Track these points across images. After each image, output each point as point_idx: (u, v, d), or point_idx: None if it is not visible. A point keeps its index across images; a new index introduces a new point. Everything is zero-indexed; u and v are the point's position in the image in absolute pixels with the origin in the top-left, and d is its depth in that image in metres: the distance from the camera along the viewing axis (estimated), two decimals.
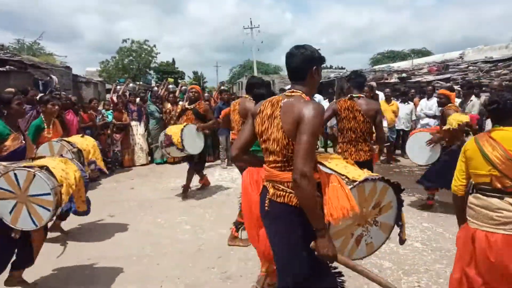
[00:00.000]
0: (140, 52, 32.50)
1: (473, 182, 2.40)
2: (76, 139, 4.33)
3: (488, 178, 2.24)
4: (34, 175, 2.70)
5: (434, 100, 8.12)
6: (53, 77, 12.92)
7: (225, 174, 8.03)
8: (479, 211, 2.28)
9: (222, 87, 11.97)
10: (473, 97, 6.78)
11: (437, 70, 12.94)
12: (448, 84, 9.93)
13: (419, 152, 5.32)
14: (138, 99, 9.40)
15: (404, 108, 8.70)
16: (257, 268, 3.61)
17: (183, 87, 11.50)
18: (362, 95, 3.89)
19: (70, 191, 2.92)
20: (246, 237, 4.33)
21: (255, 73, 29.02)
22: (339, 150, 4.04)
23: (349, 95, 3.88)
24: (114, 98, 8.87)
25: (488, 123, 6.49)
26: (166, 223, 4.98)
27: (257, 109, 2.12)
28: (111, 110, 8.97)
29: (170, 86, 10.24)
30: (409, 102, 8.92)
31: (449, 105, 5.01)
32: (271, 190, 2.00)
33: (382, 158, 8.66)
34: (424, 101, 8.45)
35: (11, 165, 2.79)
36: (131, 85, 10.70)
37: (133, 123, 8.95)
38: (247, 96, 4.50)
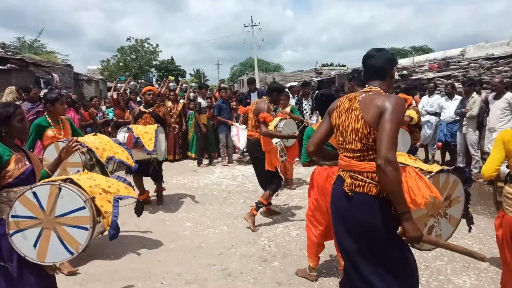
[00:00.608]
0: (142, 50, 32.51)
1: (510, 172, 2.53)
2: (85, 138, 3.85)
3: None
4: (60, 189, 2.16)
5: (435, 97, 8.12)
6: (54, 75, 12.97)
7: (226, 171, 8.04)
8: None
9: (221, 85, 11.99)
10: (474, 94, 6.76)
11: (438, 67, 12.90)
12: (449, 81, 9.91)
13: None
14: (138, 97, 9.41)
15: None
16: (258, 265, 3.63)
17: (184, 85, 11.50)
18: None
19: (107, 199, 2.33)
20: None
21: (256, 71, 28.99)
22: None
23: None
24: (115, 96, 8.89)
25: (489, 120, 6.48)
26: (167, 220, 5.00)
27: (334, 105, 2.22)
28: (111, 108, 8.99)
29: (171, 84, 10.24)
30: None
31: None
32: (348, 180, 2.05)
33: None
34: (425, 98, 8.43)
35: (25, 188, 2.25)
36: (132, 83, 10.69)
37: None
38: (265, 98, 4.85)
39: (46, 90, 4.38)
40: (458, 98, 7.30)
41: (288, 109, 6.74)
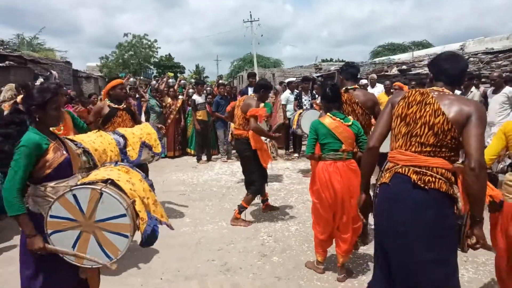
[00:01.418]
0: (140, 46, 32.43)
1: (510, 161, 2.63)
2: (84, 136, 3.30)
3: None
4: (101, 194, 2.06)
5: None
6: (53, 72, 12.94)
7: (225, 167, 8.05)
8: None
9: (220, 81, 11.96)
10: (473, 88, 6.76)
11: None
12: None
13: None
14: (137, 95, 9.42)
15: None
16: (257, 260, 3.64)
17: (182, 81, 11.48)
18: (357, 86, 3.73)
19: (144, 206, 2.25)
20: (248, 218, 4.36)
21: (255, 67, 28.91)
22: None
23: (344, 88, 3.64)
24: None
25: (488, 114, 6.47)
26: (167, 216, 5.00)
27: (399, 97, 2.18)
28: None
29: (170, 80, 10.22)
30: None
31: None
32: (414, 176, 1.97)
33: None
34: None
35: (62, 184, 2.18)
36: (131, 79, 10.67)
37: None
38: (253, 94, 4.77)
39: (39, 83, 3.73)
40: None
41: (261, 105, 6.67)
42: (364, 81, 8.98)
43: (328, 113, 3.21)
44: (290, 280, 3.28)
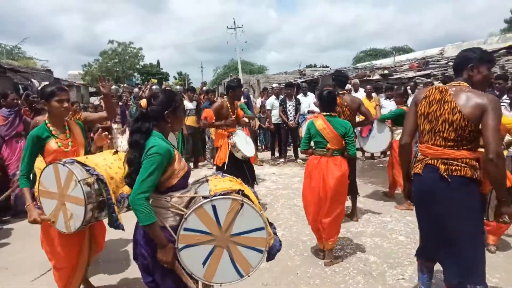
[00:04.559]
0: (125, 54, 32.18)
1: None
2: (98, 158, 2.63)
3: None
4: (242, 205, 1.92)
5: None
6: (34, 81, 12.70)
7: (212, 172, 7.98)
8: None
9: (203, 88, 11.94)
10: None
11: (418, 66, 13.17)
12: (429, 80, 10.10)
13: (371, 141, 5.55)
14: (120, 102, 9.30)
15: (389, 105, 8.75)
16: None
17: (167, 89, 11.40)
18: (345, 92, 4.58)
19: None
20: None
21: (240, 74, 29.00)
22: None
23: (336, 92, 4.18)
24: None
25: None
26: None
27: (421, 95, 2.45)
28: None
29: (154, 87, 10.14)
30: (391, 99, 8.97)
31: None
32: (442, 167, 2.28)
33: (367, 154, 8.76)
34: None
35: (187, 195, 2.00)
36: (114, 87, 10.56)
37: (115, 126, 8.84)
38: (225, 97, 5.13)
39: (44, 85, 3.16)
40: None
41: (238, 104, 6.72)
42: (348, 86, 9.08)
43: (322, 113, 3.67)
44: (277, 285, 3.26)
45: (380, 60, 22.08)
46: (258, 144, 10.70)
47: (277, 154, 9.39)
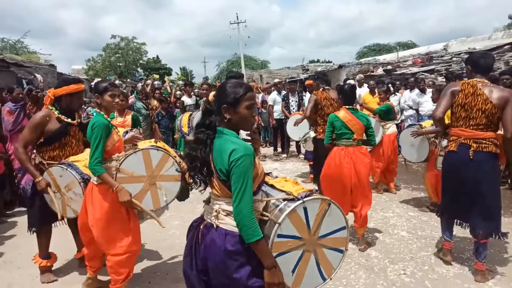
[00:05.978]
0: (128, 49, 32.12)
1: None
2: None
3: None
4: (329, 204, 1.83)
5: (415, 92, 8.12)
6: (37, 75, 12.72)
7: None
8: None
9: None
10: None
11: (422, 62, 13.08)
12: (432, 76, 10.05)
13: (410, 149, 4.97)
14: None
15: (391, 100, 8.71)
16: None
17: (169, 84, 11.42)
18: (329, 88, 5.23)
19: None
20: None
21: (243, 69, 28.96)
22: (320, 130, 5.00)
23: (322, 88, 5.21)
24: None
25: None
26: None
27: (457, 88, 3.09)
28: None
29: (156, 82, 10.14)
30: (396, 93, 8.86)
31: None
32: (474, 145, 3.01)
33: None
34: (407, 93, 8.49)
35: (266, 199, 1.83)
36: (117, 82, 10.57)
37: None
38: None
39: (97, 81, 3.15)
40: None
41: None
42: (351, 82, 9.03)
43: (344, 106, 3.92)
44: None
45: (383, 56, 21.94)
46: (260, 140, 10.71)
47: (279, 149, 9.40)
